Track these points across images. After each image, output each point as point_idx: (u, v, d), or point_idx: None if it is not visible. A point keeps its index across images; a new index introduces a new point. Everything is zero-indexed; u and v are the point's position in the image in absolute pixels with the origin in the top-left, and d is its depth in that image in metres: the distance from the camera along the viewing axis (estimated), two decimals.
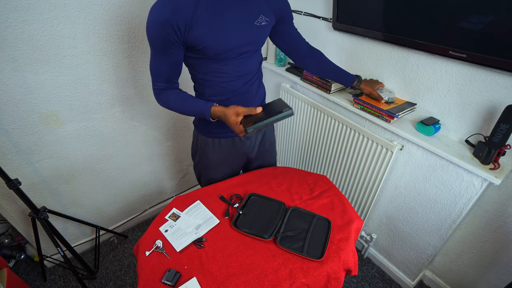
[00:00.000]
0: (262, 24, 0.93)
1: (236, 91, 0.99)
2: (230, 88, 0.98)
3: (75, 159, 1.45)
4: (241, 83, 0.99)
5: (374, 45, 1.26)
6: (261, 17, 0.92)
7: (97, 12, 1.19)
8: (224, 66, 0.93)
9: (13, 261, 1.68)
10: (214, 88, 0.98)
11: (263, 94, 1.13)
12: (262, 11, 0.92)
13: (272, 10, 0.95)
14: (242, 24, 0.89)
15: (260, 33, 0.94)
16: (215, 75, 0.95)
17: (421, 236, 1.34)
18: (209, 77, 0.96)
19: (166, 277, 0.81)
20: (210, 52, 0.88)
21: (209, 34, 0.84)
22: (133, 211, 1.89)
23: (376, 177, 1.35)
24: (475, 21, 0.89)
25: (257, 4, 0.91)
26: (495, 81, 0.95)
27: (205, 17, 0.82)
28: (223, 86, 0.97)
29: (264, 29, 0.95)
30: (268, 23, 0.95)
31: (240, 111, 0.86)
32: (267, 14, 0.94)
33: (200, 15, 0.82)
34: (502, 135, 0.92)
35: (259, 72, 1.07)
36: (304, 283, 0.82)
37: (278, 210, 1.02)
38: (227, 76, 0.96)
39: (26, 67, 1.13)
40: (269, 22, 0.95)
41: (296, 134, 1.77)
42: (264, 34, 0.97)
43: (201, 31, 0.83)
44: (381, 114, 1.21)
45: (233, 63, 0.94)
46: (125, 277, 1.61)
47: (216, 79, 0.96)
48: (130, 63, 1.38)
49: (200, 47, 0.87)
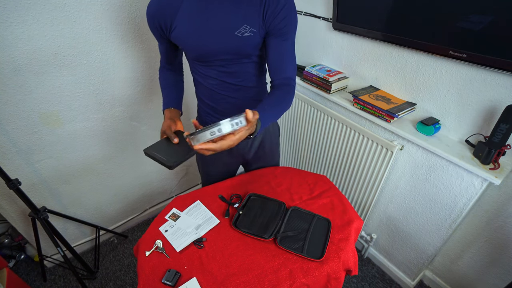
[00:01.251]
0: (244, 35, 0.84)
1: (226, 98, 0.99)
2: (220, 93, 0.98)
3: (75, 159, 1.45)
4: (231, 90, 0.97)
5: (374, 45, 1.26)
6: (244, 27, 0.83)
7: (97, 12, 1.19)
8: (210, 70, 0.94)
9: (13, 261, 1.68)
10: (205, 90, 1.00)
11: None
12: (247, 21, 0.83)
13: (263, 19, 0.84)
14: (221, 32, 0.84)
15: (242, 44, 0.86)
16: (204, 78, 0.96)
17: (421, 236, 1.34)
18: (199, 78, 0.98)
19: (166, 277, 0.81)
20: (191, 54, 0.91)
21: (188, 36, 0.85)
22: (133, 211, 1.89)
23: (376, 177, 1.35)
24: (475, 21, 0.89)
25: (243, 13, 0.82)
26: (495, 81, 0.95)
27: (188, 17, 0.83)
28: (213, 89, 0.98)
29: (247, 40, 0.85)
30: (253, 34, 0.85)
31: (166, 131, 0.88)
32: (254, 24, 0.83)
33: (182, 15, 0.83)
34: (502, 135, 0.92)
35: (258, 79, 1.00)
36: (304, 283, 0.82)
37: (278, 210, 1.02)
38: (215, 81, 0.95)
39: (26, 67, 1.13)
40: (255, 33, 0.85)
41: (296, 134, 1.77)
42: (248, 46, 0.87)
43: (182, 31, 0.85)
44: (381, 114, 1.21)
45: (219, 69, 0.93)
46: (125, 277, 1.61)
47: (205, 81, 0.97)
48: (130, 63, 1.38)
49: (182, 47, 0.90)
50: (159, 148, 0.85)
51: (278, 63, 0.91)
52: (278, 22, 0.84)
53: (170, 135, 0.86)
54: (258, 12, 0.83)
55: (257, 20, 0.84)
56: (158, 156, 0.81)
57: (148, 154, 0.83)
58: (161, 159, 0.80)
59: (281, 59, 0.91)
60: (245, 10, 0.82)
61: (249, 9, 0.82)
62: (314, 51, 1.56)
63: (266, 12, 0.83)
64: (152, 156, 0.82)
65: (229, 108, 1.01)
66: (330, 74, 1.40)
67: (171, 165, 0.78)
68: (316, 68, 1.46)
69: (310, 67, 1.48)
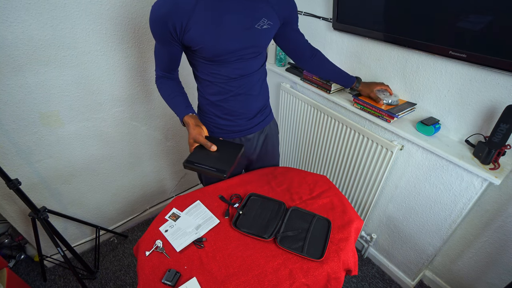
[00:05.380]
0: (263, 27, 0.90)
1: (235, 92, 0.99)
2: (229, 89, 0.98)
3: (75, 159, 1.45)
4: (240, 84, 0.98)
5: (374, 45, 1.26)
6: (263, 20, 0.89)
7: (97, 12, 1.19)
8: (222, 68, 0.93)
9: (13, 261, 1.68)
10: (213, 88, 0.99)
11: (266, 95, 1.12)
12: (264, 14, 0.89)
13: (276, 13, 0.93)
14: (241, 27, 0.86)
15: (261, 36, 0.92)
16: (214, 76, 0.95)
17: (421, 236, 1.34)
18: (207, 77, 0.96)
19: (166, 277, 0.81)
20: (207, 54, 0.89)
21: (206, 36, 0.84)
22: (133, 211, 1.89)
23: (376, 177, 1.35)
24: (475, 21, 0.89)
25: (259, 7, 0.88)
26: (495, 81, 0.95)
27: (203, 18, 0.82)
28: (222, 86, 0.97)
29: (266, 32, 0.92)
30: (271, 27, 0.92)
31: (199, 140, 0.84)
32: (270, 18, 0.91)
33: (198, 15, 0.81)
34: (502, 135, 0.92)
35: (262, 73, 1.05)
36: (304, 283, 0.82)
37: (278, 210, 1.02)
38: (225, 78, 0.95)
39: (26, 67, 1.13)
40: (272, 26, 0.93)
41: (296, 134, 1.77)
42: (266, 38, 0.94)
43: (198, 32, 0.83)
44: (381, 114, 1.21)
45: (231, 66, 0.93)
46: (125, 277, 1.61)
47: (214, 79, 0.96)
48: (130, 63, 1.38)
49: (196, 48, 0.87)
50: (200, 158, 0.78)
51: (305, 43, 1.13)
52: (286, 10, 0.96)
53: (205, 143, 0.83)
54: (270, 5, 0.91)
55: (272, 13, 0.92)
56: (205, 166, 0.74)
57: (191, 167, 0.76)
58: (211, 170, 0.73)
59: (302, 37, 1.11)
60: (260, 4, 0.89)
61: (262, 3, 0.89)
62: None
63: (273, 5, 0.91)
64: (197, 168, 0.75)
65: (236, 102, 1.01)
66: None
67: (225, 170, 0.73)
68: None
69: None
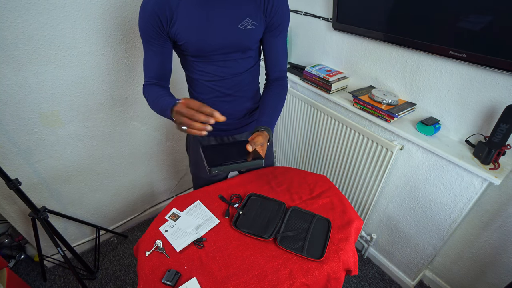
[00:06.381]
0: (247, 28, 0.87)
1: (222, 92, 0.99)
2: (217, 88, 0.98)
3: (75, 159, 1.45)
4: (228, 84, 0.98)
5: (374, 45, 1.26)
6: (246, 21, 0.86)
7: (97, 12, 1.19)
8: (209, 66, 0.93)
9: (13, 261, 1.68)
10: (201, 87, 0.99)
11: (257, 97, 1.10)
12: (249, 15, 0.87)
13: (264, 15, 0.89)
14: (224, 25, 0.85)
15: (245, 36, 0.89)
16: (201, 74, 0.95)
17: (421, 236, 1.34)
18: (195, 75, 0.97)
19: (166, 277, 0.81)
20: (191, 50, 0.88)
21: (189, 31, 0.84)
22: (133, 211, 1.89)
23: (376, 177, 1.35)
24: (475, 21, 0.89)
25: (245, 7, 0.86)
26: (495, 81, 0.95)
27: (188, 12, 0.82)
28: (209, 85, 0.97)
29: (250, 33, 0.89)
30: (255, 27, 0.89)
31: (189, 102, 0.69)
32: (256, 18, 0.88)
33: (183, 9, 0.82)
34: (502, 135, 0.92)
35: (253, 75, 1.03)
36: (304, 283, 0.82)
37: (278, 210, 1.02)
38: (212, 76, 0.95)
39: (26, 67, 1.13)
40: (257, 27, 0.89)
41: (296, 134, 1.77)
42: (250, 38, 0.91)
43: (183, 26, 0.83)
44: (381, 114, 1.21)
45: (217, 64, 0.92)
46: (125, 277, 1.61)
47: (201, 77, 0.96)
48: (130, 63, 1.38)
49: (181, 43, 0.87)
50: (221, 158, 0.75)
51: (275, 58, 1.00)
52: (277, 19, 0.92)
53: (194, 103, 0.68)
54: (258, 7, 0.88)
55: (258, 14, 0.88)
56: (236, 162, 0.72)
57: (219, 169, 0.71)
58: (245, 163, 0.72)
59: (277, 54, 1.00)
60: (247, 4, 0.86)
61: (250, 3, 0.87)
62: (314, 51, 1.56)
63: (265, 9, 0.89)
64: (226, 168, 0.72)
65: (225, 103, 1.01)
66: (330, 74, 1.40)
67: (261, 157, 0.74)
68: (316, 68, 1.46)
69: (310, 67, 1.48)
